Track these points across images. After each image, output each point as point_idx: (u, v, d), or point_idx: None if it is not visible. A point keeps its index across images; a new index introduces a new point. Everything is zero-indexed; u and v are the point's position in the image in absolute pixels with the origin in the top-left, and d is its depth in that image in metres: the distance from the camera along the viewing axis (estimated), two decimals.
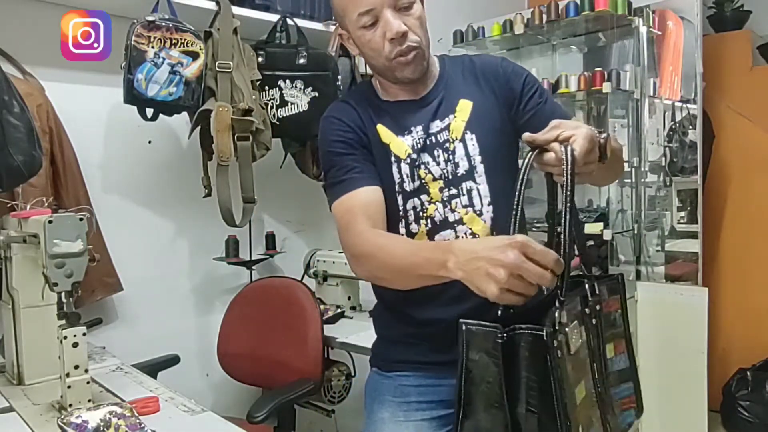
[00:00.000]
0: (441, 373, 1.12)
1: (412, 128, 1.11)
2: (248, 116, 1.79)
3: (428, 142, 1.10)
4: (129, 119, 1.76)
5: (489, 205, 1.09)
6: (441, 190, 1.09)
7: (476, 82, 1.14)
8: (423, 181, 1.10)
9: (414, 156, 1.10)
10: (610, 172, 1.07)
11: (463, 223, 1.09)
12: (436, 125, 1.11)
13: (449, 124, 1.11)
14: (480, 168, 1.09)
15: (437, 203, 1.09)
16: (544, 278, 0.72)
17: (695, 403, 2.34)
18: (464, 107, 1.11)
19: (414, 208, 1.11)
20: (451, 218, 1.09)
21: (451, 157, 1.09)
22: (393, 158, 1.11)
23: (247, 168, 1.86)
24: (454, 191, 1.09)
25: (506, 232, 1.12)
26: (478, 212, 1.09)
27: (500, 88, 1.12)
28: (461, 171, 1.09)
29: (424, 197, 1.10)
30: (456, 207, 1.09)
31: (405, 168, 1.10)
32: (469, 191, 1.09)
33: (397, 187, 1.11)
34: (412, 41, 1.04)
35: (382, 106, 1.15)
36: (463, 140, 1.09)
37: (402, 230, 1.12)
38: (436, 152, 1.10)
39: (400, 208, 1.11)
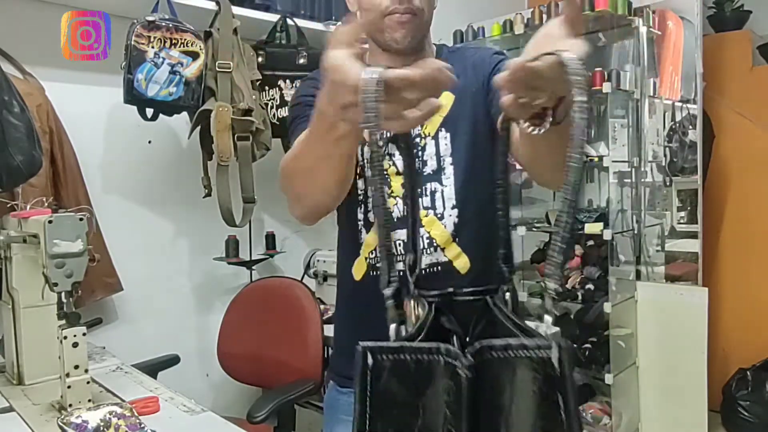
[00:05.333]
0: None
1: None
2: (248, 116, 1.79)
3: (399, 134, 1.02)
4: (129, 119, 1.76)
5: (453, 208, 1.02)
6: (403, 185, 1.00)
7: (464, 74, 1.04)
8: (385, 172, 1.04)
9: (380, 143, 1.04)
10: (554, 153, 0.77)
11: (422, 225, 1.01)
12: None
13: None
14: (449, 170, 1.02)
15: (397, 198, 1.02)
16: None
17: (695, 403, 2.34)
18: (445, 101, 1.02)
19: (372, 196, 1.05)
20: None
21: (419, 153, 1.02)
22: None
23: (247, 168, 1.86)
24: (416, 190, 1.02)
25: (471, 238, 1.00)
26: (439, 215, 1.02)
27: (484, 80, 1.03)
28: (428, 170, 1.03)
29: (384, 188, 1.05)
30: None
31: (366, 152, 1.02)
32: (433, 192, 1.03)
33: (358, 169, 1.03)
34: (414, 6, 0.98)
35: None
36: (435, 138, 1.02)
37: (360, 216, 1.05)
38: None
39: (360, 191, 1.05)
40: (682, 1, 2.50)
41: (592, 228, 2.41)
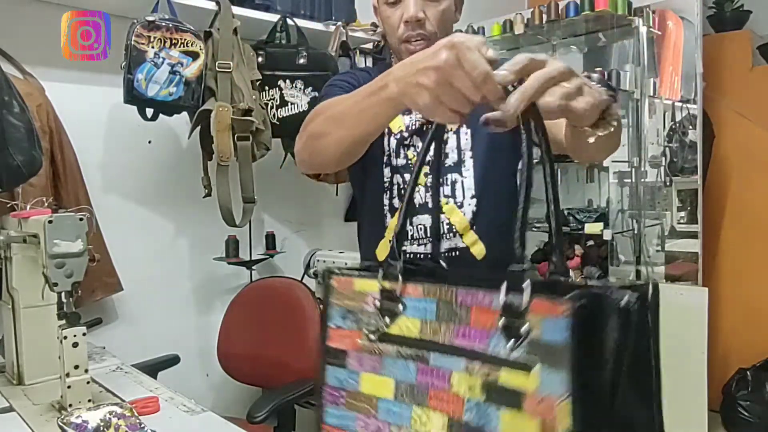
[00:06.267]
0: None
1: (413, 110, 1.10)
2: (248, 116, 1.79)
3: (424, 128, 1.10)
4: (129, 119, 1.76)
5: (472, 198, 1.09)
6: (426, 175, 1.07)
7: None
8: (409, 161, 1.11)
9: (405, 135, 1.11)
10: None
11: (442, 212, 1.09)
12: None
13: None
14: (468, 162, 1.10)
15: (420, 186, 1.09)
16: (470, 93, 0.59)
17: (695, 403, 2.34)
18: None
19: (398, 184, 1.11)
20: (431, 204, 1.08)
21: (442, 146, 1.09)
22: (386, 130, 1.11)
23: (247, 168, 1.86)
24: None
25: (487, 227, 1.07)
26: (458, 204, 1.09)
27: None
28: (449, 162, 1.09)
29: (408, 176, 1.10)
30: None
31: (393, 142, 1.11)
32: (453, 183, 1.10)
33: (385, 158, 1.12)
34: (426, 31, 1.04)
35: None
36: (457, 132, 1.10)
37: (386, 201, 1.12)
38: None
39: (386, 179, 1.12)
40: (682, 1, 2.50)
41: (592, 228, 2.41)
